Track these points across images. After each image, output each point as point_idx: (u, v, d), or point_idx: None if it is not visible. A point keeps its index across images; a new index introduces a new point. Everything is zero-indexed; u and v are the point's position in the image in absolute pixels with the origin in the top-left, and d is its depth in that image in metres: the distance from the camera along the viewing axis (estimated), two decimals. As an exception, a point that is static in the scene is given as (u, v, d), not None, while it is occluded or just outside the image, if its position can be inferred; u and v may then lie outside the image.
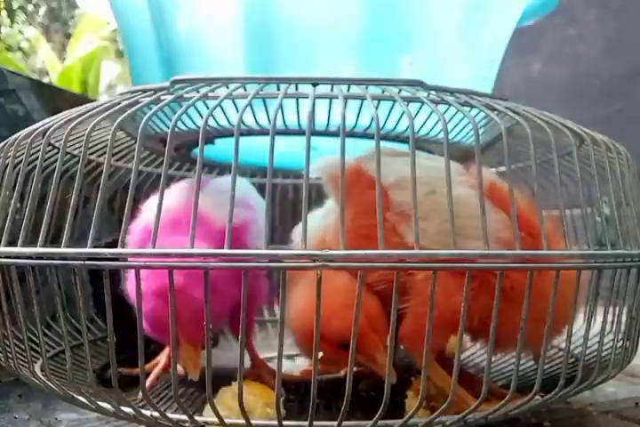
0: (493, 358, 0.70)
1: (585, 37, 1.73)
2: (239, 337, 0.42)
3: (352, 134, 0.66)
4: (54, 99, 0.94)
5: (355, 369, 0.56)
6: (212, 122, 0.61)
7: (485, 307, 0.46)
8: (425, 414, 0.49)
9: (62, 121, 0.49)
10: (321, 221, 0.59)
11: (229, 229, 0.40)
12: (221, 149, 0.69)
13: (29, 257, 0.44)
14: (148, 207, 0.63)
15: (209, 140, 0.68)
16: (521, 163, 0.73)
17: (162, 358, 0.69)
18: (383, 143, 0.43)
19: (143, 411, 0.46)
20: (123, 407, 0.47)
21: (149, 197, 0.63)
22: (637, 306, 0.54)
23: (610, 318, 0.53)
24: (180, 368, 0.57)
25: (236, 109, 0.52)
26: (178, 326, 0.42)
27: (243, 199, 0.64)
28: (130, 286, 0.60)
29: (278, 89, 0.48)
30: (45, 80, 2.89)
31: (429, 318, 0.42)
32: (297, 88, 0.49)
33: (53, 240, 0.56)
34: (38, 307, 0.47)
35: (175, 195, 0.63)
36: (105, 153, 0.49)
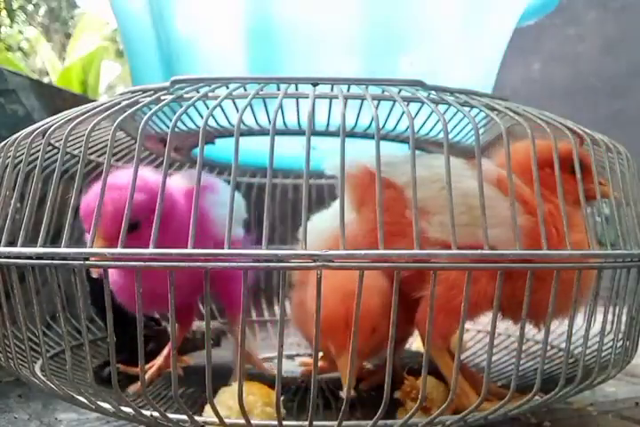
0: (493, 358, 0.70)
1: (585, 37, 1.73)
2: (239, 337, 0.42)
3: (352, 134, 0.66)
4: (54, 99, 0.94)
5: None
6: (212, 122, 0.61)
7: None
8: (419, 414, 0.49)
9: (62, 121, 0.49)
10: (331, 220, 0.60)
11: (229, 228, 0.40)
12: (221, 149, 0.69)
13: (29, 257, 0.44)
14: None
15: (209, 140, 0.68)
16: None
17: (158, 360, 0.69)
18: (383, 144, 0.43)
19: (143, 411, 0.46)
20: (123, 407, 0.47)
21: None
22: (637, 306, 0.54)
23: (610, 317, 0.53)
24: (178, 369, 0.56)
25: (236, 109, 0.52)
26: None
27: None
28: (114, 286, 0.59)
29: (278, 89, 0.48)
30: (45, 80, 2.89)
31: (429, 319, 0.42)
32: (297, 88, 0.49)
33: (53, 240, 0.56)
34: (38, 307, 0.47)
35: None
36: (105, 153, 0.49)
